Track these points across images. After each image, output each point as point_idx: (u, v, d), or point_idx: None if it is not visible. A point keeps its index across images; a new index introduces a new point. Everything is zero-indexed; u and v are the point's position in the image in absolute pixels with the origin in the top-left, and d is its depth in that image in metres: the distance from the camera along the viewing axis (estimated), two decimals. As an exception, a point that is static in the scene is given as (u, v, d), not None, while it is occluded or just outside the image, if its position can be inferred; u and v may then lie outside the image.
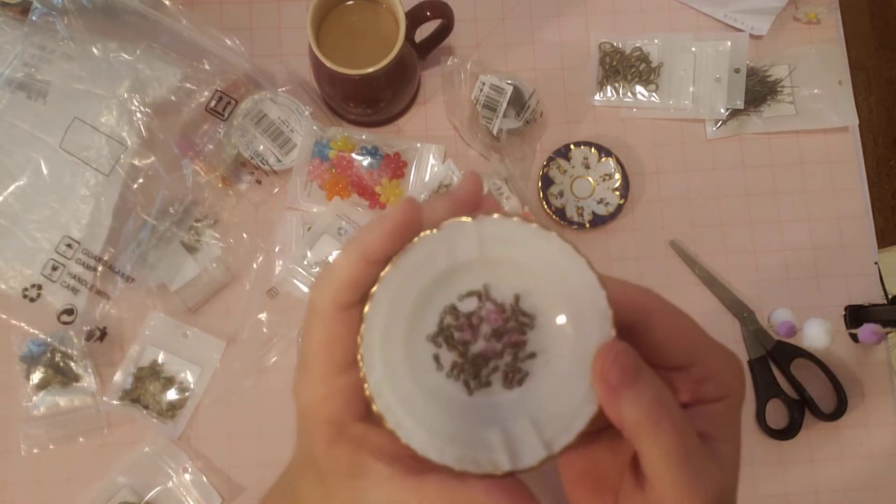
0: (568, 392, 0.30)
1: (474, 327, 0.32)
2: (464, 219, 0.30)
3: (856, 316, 0.71)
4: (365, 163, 0.71)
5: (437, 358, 0.31)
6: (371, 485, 0.31)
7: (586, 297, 0.30)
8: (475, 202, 0.32)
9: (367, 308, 0.30)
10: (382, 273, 0.30)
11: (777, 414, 0.71)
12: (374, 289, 0.30)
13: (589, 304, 0.30)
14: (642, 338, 0.30)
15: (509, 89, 0.71)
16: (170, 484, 0.68)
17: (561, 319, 0.31)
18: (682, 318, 0.31)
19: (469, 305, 0.32)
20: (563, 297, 0.31)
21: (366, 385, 0.30)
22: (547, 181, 0.72)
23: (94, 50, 0.67)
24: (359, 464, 0.31)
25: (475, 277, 0.32)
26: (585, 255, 0.30)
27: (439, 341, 0.31)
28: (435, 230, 0.30)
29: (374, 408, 0.29)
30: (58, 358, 0.68)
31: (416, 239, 0.30)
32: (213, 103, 0.69)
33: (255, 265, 0.71)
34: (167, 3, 0.69)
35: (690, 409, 0.31)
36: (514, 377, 0.32)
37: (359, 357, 0.30)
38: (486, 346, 0.32)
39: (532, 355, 0.31)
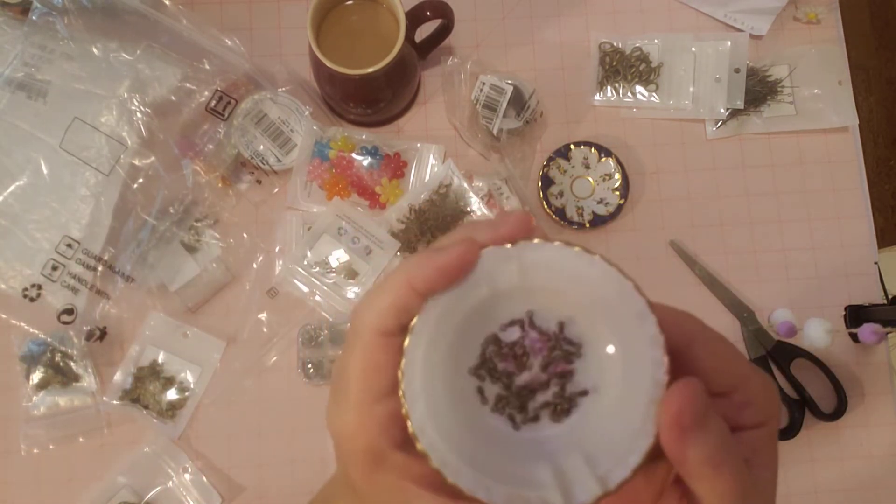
0: (620, 424, 0.28)
1: (518, 358, 0.30)
2: (504, 246, 0.29)
3: (856, 316, 0.71)
4: (365, 163, 0.71)
5: (480, 391, 0.30)
6: None
7: (635, 323, 0.29)
8: (519, 239, 0.30)
9: (407, 342, 0.29)
10: (424, 305, 0.29)
11: (777, 414, 0.71)
12: (413, 321, 0.29)
13: (638, 331, 0.29)
14: (685, 365, 0.29)
15: (509, 89, 0.71)
16: (170, 484, 0.68)
17: (609, 348, 0.30)
18: (725, 345, 0.30)
19: (512, 335, 0.30)
20: (611, 323, 0.29)
21: (409, 423, 0.28)
22: (547, 181, 0.72)
23: (95, 50, 0.67)
24: (402, 491, 0.30)
25: (517, 306, 0.30)
26: (632, 279, 0.29)
27: (482, 374, 0.30)
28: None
29: (419, 447, 0.28)
30: (58, 358, 0.68)
31: None
32: (213, 103, 0.69)
33: (255, 265, 0.71)
34: (167, 3, 0.69)
35: (733, 435, 0.30)
36: (563, 410, 0.30)
37: (400, 393, 0.28)
38: (532, 377, 0.30)
39: (584, 392, 0.30)
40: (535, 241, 0.29)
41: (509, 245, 0.29)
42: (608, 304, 0.29)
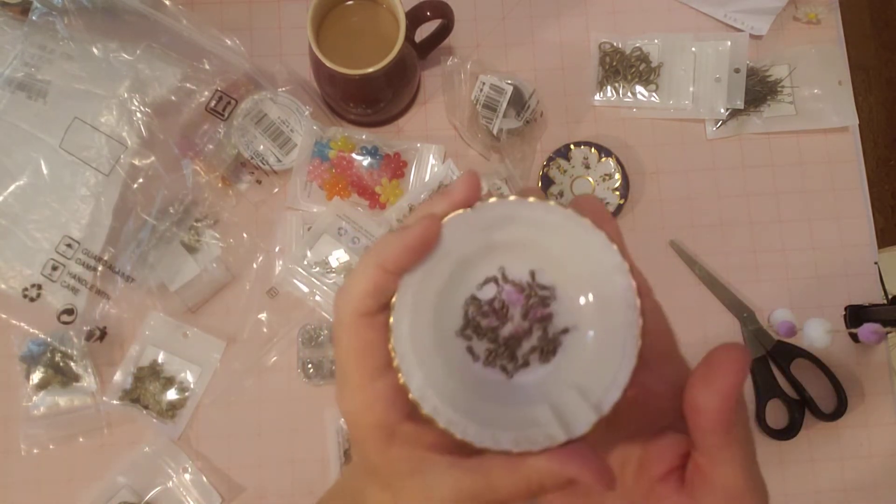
0: (604, 354, 0.30)
1: (498, 312, 0.32)
2: (462, 210, 0.31)
3: (856, 316, 0.71)
4: (365, 163, 0.71)
5: (470, 350, 0.32)
6: (436, 477, 0.31)
7: (600, 258, 0.30)
8: (474, 200, 0.31)
9: (391, 319, 0.30)
10: (399, 282, 0.30)
11: (777, 414, 0.71)
12: (393, 299, 0.30)
13: (604, 264, 0.30)
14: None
15: (509, 89, 0.71)
16: (170, 484, 0.68)
17: (580, 284, 0.32)
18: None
19: (488, 292, 0.32)
20: (577, 260, 0.31)
21: (409, 393, 0.30)
22: (547, 181, 0.72)
23: (95, 50, 0.66)
24: (418, 460, 0.31)
25: (488, 264, 0.32)
26: (588, 217, 0.30)
27: (469, 334, 0.32)
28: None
29: (423, 412, 0.30)
30: (58, 358, 0.68)
31: None
32: (213, 103, 0.69)
33: (254, 265, 0.71)
34: (167, 3, 0.69)
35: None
36: (549, 350, 0.32)
37: (395, 367, 0.30)
38: (515, 326, 0.32)
39: (565, 330, 0.32)
40: (492, 199, 0.31)
41: (469, 209, 0.31)
42: (571, 244, 0.31)
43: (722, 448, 0.29)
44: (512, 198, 0.31)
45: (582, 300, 0.32)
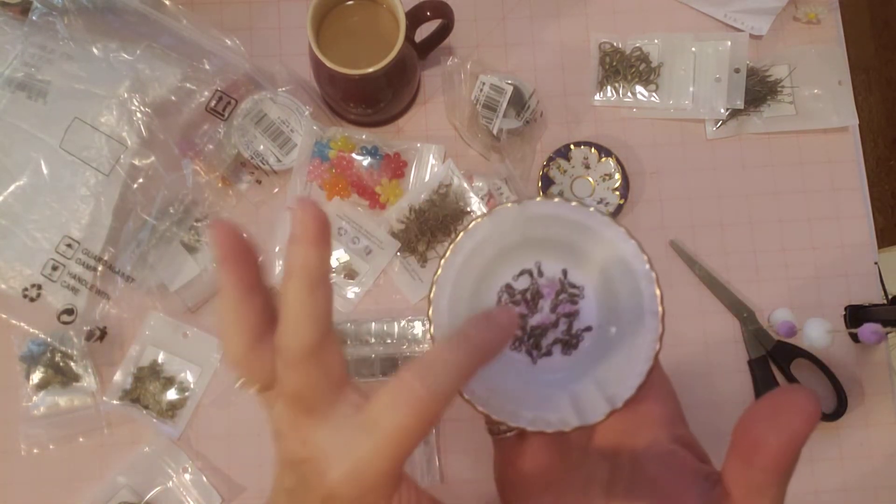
0: (622, 353, 0.32)
1: (529, 302, 0.35)
2: (509, 204, 0.33)
3: (856, 316, 0.71)
4: (365, 163, 0.71)
5: None
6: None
7: (629, 262, 0.32)
8: (317, 237, 0.27)
9: (432, 293, 0.32)
10: (442, 260, 0.33)
11: (777, 414, 0.71)
12: (436, 274, 0.33)
13: (634, 271, 0.32)
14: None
15: (509, 89, 0.71)
16: (170, 484, 0.68)
17: (609, 286, 0.34)
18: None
19: (523, 283, 0.35)
20: (609, 264, 0.33)
21: None
22: (547, 181, 0.72)
23: (95, 50, 0.66)
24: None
25: (526, 256, 0.35)
26: (624, 225, 0.33)
27: None
28: (486, 217, 0.33)
29: None
30: (58, 358, 0.68)
31: (470, 225, 0.33)
32: (213, 103, 0.69)
33: (255, 265, 0.71)
34: (167, 2, 0.69)
35: None
36: (572, 344, 0.34)
37: (431, 335, 0.32)
38: (543, 318, 0.35)
39: (588, 328, 0.34)
40: (538, 198, 0.33)
41: (516, 203, 0.33)
42: (604, 247, 0.33)
43: (766, 488, 0.28)
44: (556, 199, 0.33)
45: (608, 301, 0.34)
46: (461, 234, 0.33)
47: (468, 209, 0.71)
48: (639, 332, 0.32)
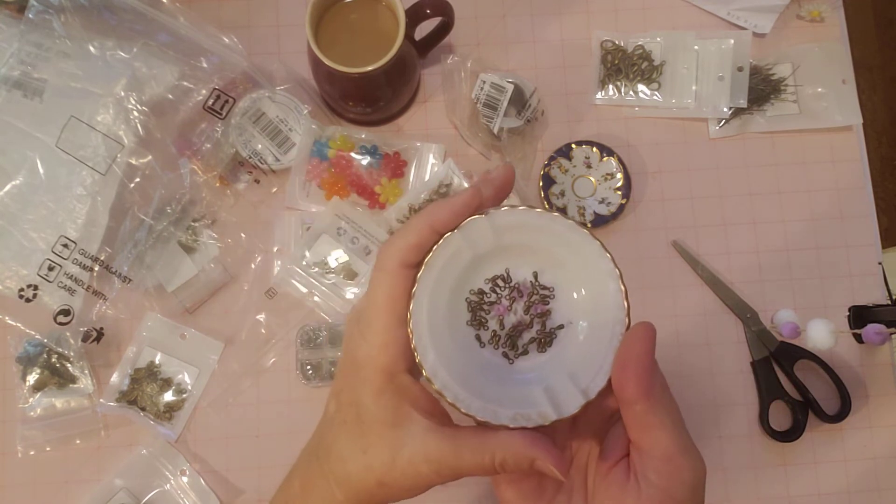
0: (593, 348, 0.35)
1: (502, 306, 0.37)
2: (477, 216, 0.35)
3: (859, 316, 0.71)
4: (364, 162, 0.71)
5: (478, 338, 0.37)
6: (410, 437, 0.34)
7: (594, 262, 0.35)
8: (509, 188, 0.36)
9: (411, 305, 0.34)
10: (418, 274, 0.35)
11: (780, 416, 0.71)
12: (414, 289, 0.35)
13: (599, 270, 0.35)
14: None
15: (510, 88, 0.70)
16: (167, 486, 0.67)
17: (577, 286, 0.37)
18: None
19: (495, 288, 0.37)
20: (576, 265, 0.36)
21: (423, 370, 0.34)
22: (548, 181, 0.72)
23: (91, 48, 0.66)
24: (401, 413, 0.35)
25: (497, 264, 0.37)
26: (587, 227, 0.35)
27: (476, 323, 0.37)
28: (456, 230, 0.35)
29: (434, 388, 0.34)
30: (54, 359, 0.68)
31: (441, 240, 0.35)
32: (210, 102, 0.69)
33: (253, 265, 0.71)
34: (164, 0, 0.68)
35: None
36: (546, 342, 0.37)
37: (413, 347, 0.34)
38: (518, 319, 0.37)
39: (560, 326, 0.37)
40: (504, 207, 0.35)
41: (483, 215, 0.35)
42: (571, 250, 0.35)
43: (648, 413, 0.33)
44: (522, 207, 0.35)
45: (577, 299, 0.37)
46: (433, 250, 0.35)
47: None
48: (607, 327, 0.35)
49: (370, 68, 0.62)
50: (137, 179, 0.67)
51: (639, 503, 0.33)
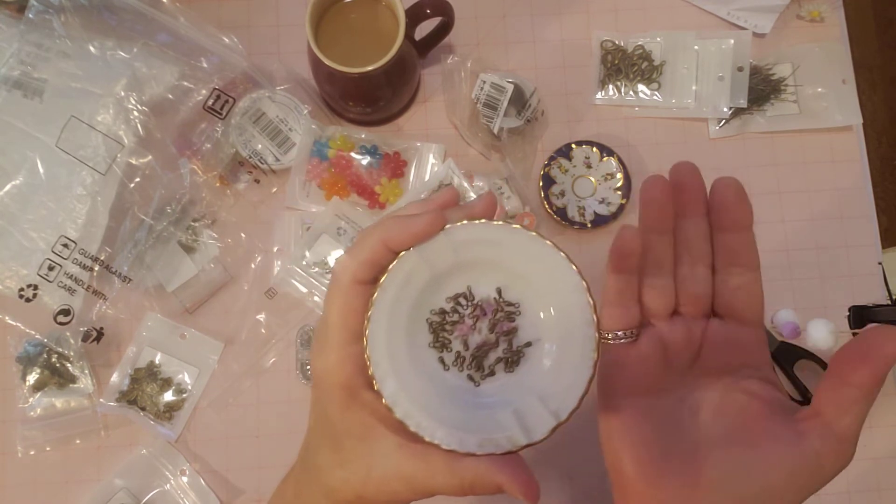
0: (563, 366, 0.33)
1: (465, 325, 0.35)
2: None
3: (859, 316, 0.70)
4: (364, 162, 0.71)
5: (441, 360, 0.35)
6: (381, 454, 0.34)
7: (560, 275, 0.33)
8: (490, 217, 0.34)
9: (366, 330, 0.32)
10: (373, 297, 0.33)
11: (780, 416, 0.71)
12: (369, 312, 0.33)
13: (565, 283, 0.33)
14: None
15: (510, 88, 0.70)
16: (167, 486, 0.67)
17: (543, 301, 0.34)
18: None
19: (456, 307, 0.35)
20: (541, 279, 0.34)
21: (383, 399, 0.32)
22: (548, 181, 0.72)
23: (91, 48, 0.66)
24: (370, 428, 0.34)
25: (458, 281, 0.35)
26: (551, 240, 0.33)
27: (438, 345, 0.35)
28: (413, 249, 0.33)
29: (395, 416, 0.32)
30: (54, 359, 0.67)
31: (395, 260, 0.33)
32: (210, 102, 0.69)
33: (253, 265, 0.71)
34: (165, 0, 0.68)
35: None
36: (513, 361, 0.35)
37: (370, 374, 0.32)
38: (483, 339, 0.35)
39: (528, 344, 0.35)
40: (462, 222, 0.33)
41: (440, 232, 0.33)
42: (535, 263, 0.33)
43: (858, 403, 0.33)
44: (480, 221, 0.33)
45: (544, 316, 0.35)
46: (388, 269, 0.33)
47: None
48: (577, 343, 0.33)
49: (370, 68, 0.62)
50: (137, 179, 0.67)
51: (789, 452, 0.34)
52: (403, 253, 0.33)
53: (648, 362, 0.35)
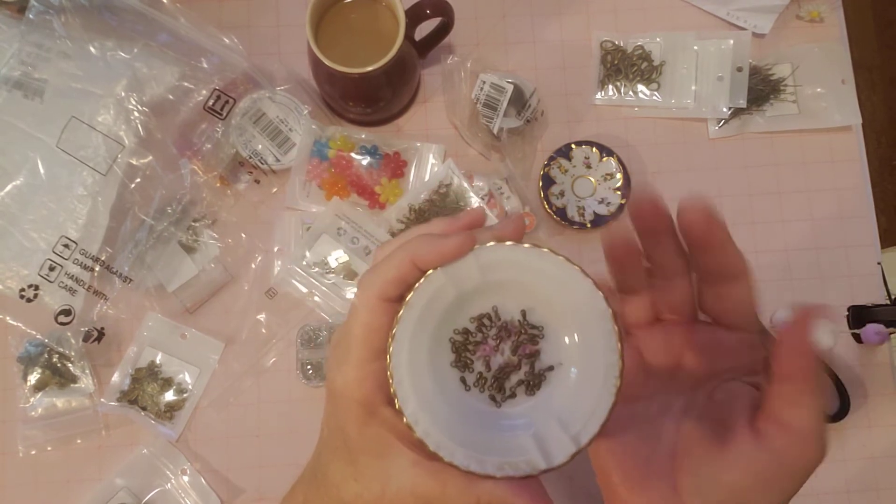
0: (585, 391, 0.33)
1: (489, 346, 0.35)
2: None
3: (859, 316, 0.71)
4: (364, 162, 0.71)
5: (463, 381, 0.35)
6: (396, 469, 0.34)
7: (585, 301, 0.33)
8: (517, 240, 0.34)
9: (390, 347, 0.32)
10: (399, 314, 0.33)
11: (779, 415, 0.71)
12: (394, 329, 0.32)
13: (590, 309, 0.33)
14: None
15: (510, 88, 0.70)
16: (168, 486, 0.67)
17: (567, 327, 0.34)
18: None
19: (481, 328, 0.35)
20: (566, 304, 0.33)
21: (404, 418, 0.32)
22: (548, 181, 0.72)
23: (92, 48, 0.66)
24: (387, 445, 0.34)
25: (483, 302, 0.34)
26: (578, 264, 0.33)
27: (461, 365, 0.35)
28: (440, 269, 0.33)
29: (415, 435, 0.32)
30: (55, 359, 0.68)
31: (423, 279, 0.33)
32: (211, 102, 0.69)
33: (253, 265, 0.71)
34: (165, 0, 0.68)
35: None
36: (535, 384, 0.35)
37: (392, 392, 0.32)
38: (505, 360, 0.35)
39: (550, 368, 0.35)
40: (490, 243, 0.33)
41: (469, 253, 0.33)
42: (561, 288, 0.33)
43: (803, 393, 0.32)
44: (509, 243, 0.33)
45: (568, 340, 0.34)
46: (414, 289, 0.33)
47: (468, 209, 0.71)
48: (600, 369, 0.33)
49: (370, 68, 0.62)
50: (138, 180, 0.67)
51: (751, 453, 0.33)
52: (431, 272, 0.33)
53: (627, 372, 0.35)
